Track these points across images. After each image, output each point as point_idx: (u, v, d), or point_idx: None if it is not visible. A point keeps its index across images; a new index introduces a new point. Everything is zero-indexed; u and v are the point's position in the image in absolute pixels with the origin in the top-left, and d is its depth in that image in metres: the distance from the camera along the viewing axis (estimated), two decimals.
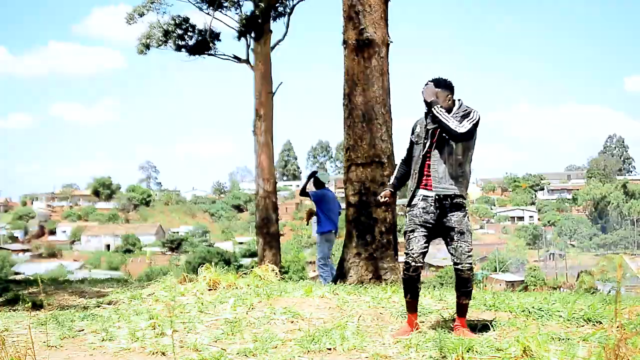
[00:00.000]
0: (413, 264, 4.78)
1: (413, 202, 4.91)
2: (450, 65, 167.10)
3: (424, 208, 4.83)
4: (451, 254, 4.82)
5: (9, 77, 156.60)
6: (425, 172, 4.87)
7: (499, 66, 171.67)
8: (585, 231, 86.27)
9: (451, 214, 4.79)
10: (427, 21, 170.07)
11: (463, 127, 4.70)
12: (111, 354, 4.62)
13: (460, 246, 4.77)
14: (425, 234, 4.82)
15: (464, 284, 4.80)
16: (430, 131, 4.86)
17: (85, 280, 10.32)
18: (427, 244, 4.84)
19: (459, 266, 4.77)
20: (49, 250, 76.10)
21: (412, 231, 4.83)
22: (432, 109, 4.76)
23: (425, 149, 4.85)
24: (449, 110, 4.83)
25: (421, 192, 4.87)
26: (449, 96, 4.88)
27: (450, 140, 4.77)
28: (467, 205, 4.93)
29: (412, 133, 5.03)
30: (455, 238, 4.78)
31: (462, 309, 4.89)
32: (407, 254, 4.82)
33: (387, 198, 5.06)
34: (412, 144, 5.03)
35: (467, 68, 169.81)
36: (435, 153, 4.81)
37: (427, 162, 4.86)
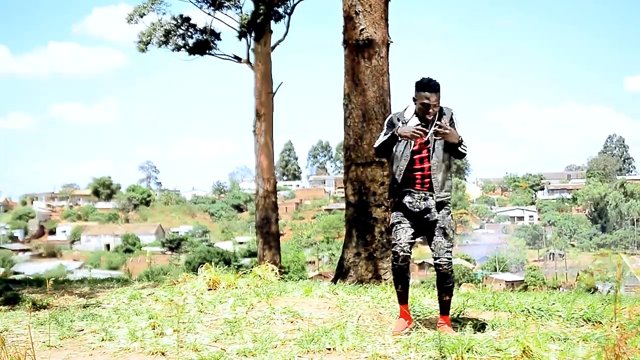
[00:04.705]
0: (402, 253, 4.83)
1: (398, 199, 4.94)
2: (450, 64, 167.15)
3: (410, 202, 4.88)
4: (431, 249, 4.88)
5: (9, 77, 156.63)
6: (412, 175, 4.87)
7: (499, 66, 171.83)
8: (585, 231, 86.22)
9: (435, 210, 4.84)
10: (427, 21, 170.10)
11: (467, 146, 4.82)
12: (111, 354, 4.62)
13: (440, 241, 4.82)
14: (412, 225, 4.87)
15: (443, 280, 4.85)
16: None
17: (85, 280, 10.31)
18: (414, 236, 4.89)
19: (437, 260, 4.82)
20: (48, 250, 76.00)
21: (399, 222, 4.89)
22: (459, 148, 4.80)
23: (411, 148, 4.85)
24: (438, 113, 4.84)
25: (407, 190, 4.90)
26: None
27: (445, 149, 4.84)
28: (451, 206, 4.96)
29: (393, 126, 4.94)
30: (436, 233, 4.84)
31: (444, 307, 4.93)
32: (394, 244, 4.88)
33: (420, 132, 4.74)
34: (394, 136, 4.90)
35: (467, 67, 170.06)
36: (434, 162, 4.83)
37: (416, 166, 4.87)
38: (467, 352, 4.10)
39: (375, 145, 5.09)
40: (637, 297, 7.15)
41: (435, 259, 4.83)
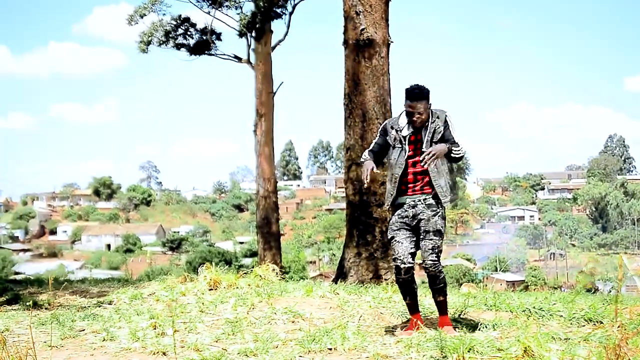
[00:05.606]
0: (403, 266, 4.85)
1: (393, 209, 4.99)
2: (449, 65, 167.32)
3: (399, 214, 4.92)
4: (421, 253, 4.90)
5: (9, 77, 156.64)
6: (405, 180, 4.91)
7: (499, 66, 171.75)
8: (585, 231, 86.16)
9: (422, 214, 4.86)
10: (427, 21, 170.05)
11: (463, 147, 4.80)
12: (112, 354, 4.62)
13: (425, 244, 4.83)
14: (408, 235, 4.89)
15: (433, 281, 4.87)
16: (407, 138, 4.91)
17: (86, 280, 10.31)
18: (413, 245, 4.89)
19: (423, 263, 4.84)
20: (49, 250, 76.00)
21: (394, 236, 4.92)
22: (452, 154, 4.78)
23: (406, 155, 4.89)
24: (425, 119, 4.84)
25: (400, 199, 4.93)
26: (430, 104, 4.87)
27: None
28: (442, 207, 4.90)
29: (386, 134, 5.04)
30: (422, 237, 4.85)
31: (440, 307, 4.95)
32: (394, 258, 4.92)
33: (368, 178, 4.92)
34: (386, 143, 5.03)
35: (467, 68, 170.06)
36: (433, 168, 4.84)
37: (410, 171, 4.90)
38: (468, 352, 4.10)
39: (362, 159, 5.14)
40: (638, 297, 7.15)
41: (423, 261, 4.87)
